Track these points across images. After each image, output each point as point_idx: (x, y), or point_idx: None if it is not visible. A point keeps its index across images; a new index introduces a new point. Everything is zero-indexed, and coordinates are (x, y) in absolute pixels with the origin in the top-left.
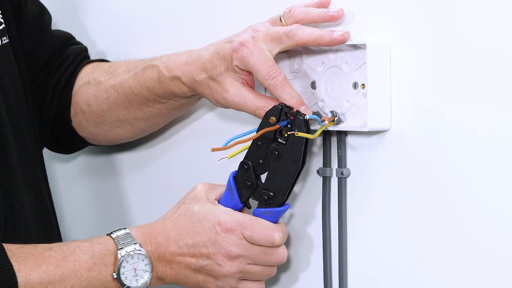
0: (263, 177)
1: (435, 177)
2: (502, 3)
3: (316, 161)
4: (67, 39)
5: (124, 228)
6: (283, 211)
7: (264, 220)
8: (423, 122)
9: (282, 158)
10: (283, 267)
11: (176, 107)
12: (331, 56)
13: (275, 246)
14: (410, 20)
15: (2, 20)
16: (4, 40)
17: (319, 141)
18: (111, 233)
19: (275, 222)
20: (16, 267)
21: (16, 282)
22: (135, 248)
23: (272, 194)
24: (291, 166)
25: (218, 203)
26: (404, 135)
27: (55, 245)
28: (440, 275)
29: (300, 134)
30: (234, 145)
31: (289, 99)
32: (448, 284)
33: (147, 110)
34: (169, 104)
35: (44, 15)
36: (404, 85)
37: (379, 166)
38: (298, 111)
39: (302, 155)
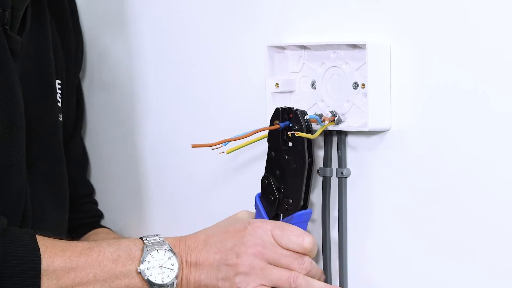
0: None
1: (435, 177)
2: (502, 3)
3: (316, 161)
4: (90, 193)
5: (157, 234)
6: (304, 215)
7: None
8: (423, 122)
9: (291, 161)
10: None
11: None
12: (331, 56)
13: (304, 252)
14: (410, 20)
15: (60, 100)
16: (60, 117)
17: (319, 141)
18: (142, 237)
19: (303, 229)
20: (42, 249)
21: (40, 263)
22: (160, 242)
23: (291, 201)
24: (299, 166)
25: None
26: (404, 135)
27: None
28: (440, 275)
29: (300, 134)
30: (220, 143)
31: None
32: (448, 284)
33: None
34: None
35: (85, 162)
36: (404, 85)
37: (379, 166)
38: (297, 109)
39: (306, 152)
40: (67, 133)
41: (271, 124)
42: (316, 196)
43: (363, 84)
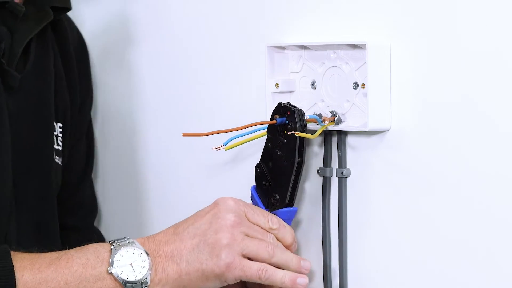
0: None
1: (435, 177)
2: (501, 3)
3: (316, 161)
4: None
5: (125, 237)
6: (288, 213)
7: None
8: (423, 122)
9: (283, 158)
10: None
11: None
12: (331, 56)
13: (272, 231)
14: (410, 20)
15: (60, 143)
16: (59, 160)
17: (319, 141)
18: (110, 240)
19: None
20: (15, 264)
21: (14, 279)
22: (129, 242)
23: (278, 196)
24: (289, 164)
25: None
26: (404, 135)
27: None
28: (441, 275)
29: (301, 134)
30: (210, 134)
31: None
32: (449, 284)
33: None
34: None
35: (94, 207)
36: (404, 85)
37: (379, 166)
38: (296, 107)
39: (297, 152)
40: (75, 177)
41: (272, 118)
42: (316, 196)
43: (363, 84)
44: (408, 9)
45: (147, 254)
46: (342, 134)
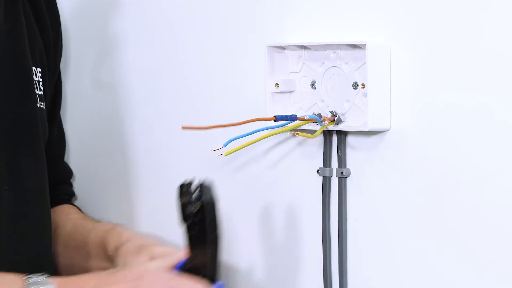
0: None
1: (435, 177)
2: (502, 3)
3: (316, 161)
4: (68, 177)
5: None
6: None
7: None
8: (423, 122)
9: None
10: (283, 267)
11: None
12: (331, 56)
13: None
14: (410, 20)
15: (42, 88)
16: (43, 105)
17: (319, 141)
18: (28, 275)
19: None
20: None
21: None
22: (45, 283)
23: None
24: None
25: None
26: (404, 135)
27: None
28: (441, 276)
29: (301, 134)
30: (210, 128)
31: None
32: (449, 284)
33: None
34: None
35: (63, 144)
36: (404, 85)
37: (379, 166)
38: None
39: (207, 233)
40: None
41: (180, 198)
42: (316, 196)
43: (363, 84)
44: (408, 9)
45: None
46: (342, 134)
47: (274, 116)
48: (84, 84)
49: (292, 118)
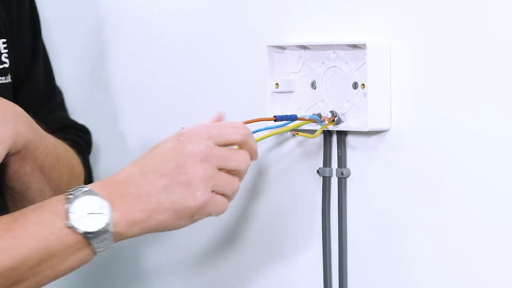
0: None
1: (435, 177)
2: (502, 3)
3: (316, 161)
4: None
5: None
6: None
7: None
8: (423, 122)
9: None
10: (283, 267)
11: None
12: (331, 56)
13: (246, 139)
14: (410, 20)
15: (6, 60)
16: (6, 79)
17: (319, 141)
18: (67, 191)
19: None
20: None
21: None
22: (84, 191)
23: None
24: None
25: None
26: (404, 135)
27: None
28: (441, 276)
29: (301, 134)
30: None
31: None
32: (449, 284)
33: None
34: None
35: (53, 97)
36: (404, 85)
37: (379, 166)
38: None
39: None
40: (21, 74)
41: None
42: (316, 196)
43: (363, 84)
44: (408, 9)
45: (105, 200)
46: (342, 134)
47: (274, 116)
48: (84, 84)
49: (292, 118)
